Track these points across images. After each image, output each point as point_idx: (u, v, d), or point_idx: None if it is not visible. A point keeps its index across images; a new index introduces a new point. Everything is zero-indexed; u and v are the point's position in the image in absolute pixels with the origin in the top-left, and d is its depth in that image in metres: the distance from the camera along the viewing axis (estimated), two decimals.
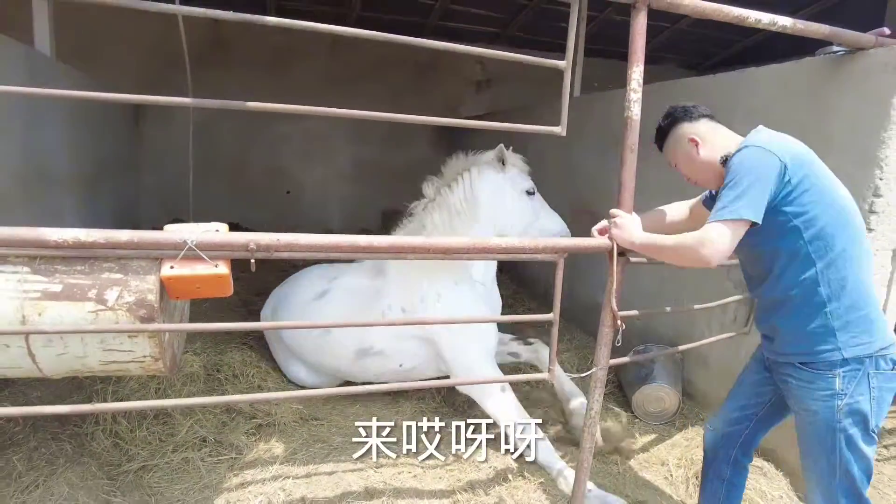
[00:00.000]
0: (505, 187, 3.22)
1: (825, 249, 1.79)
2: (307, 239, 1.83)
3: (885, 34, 2.51)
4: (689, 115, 2.05)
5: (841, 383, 1.79)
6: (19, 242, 1.61)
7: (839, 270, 1.79)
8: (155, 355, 1.83)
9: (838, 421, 1.79)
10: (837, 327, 1.79)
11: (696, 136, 2.00)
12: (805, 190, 1.77)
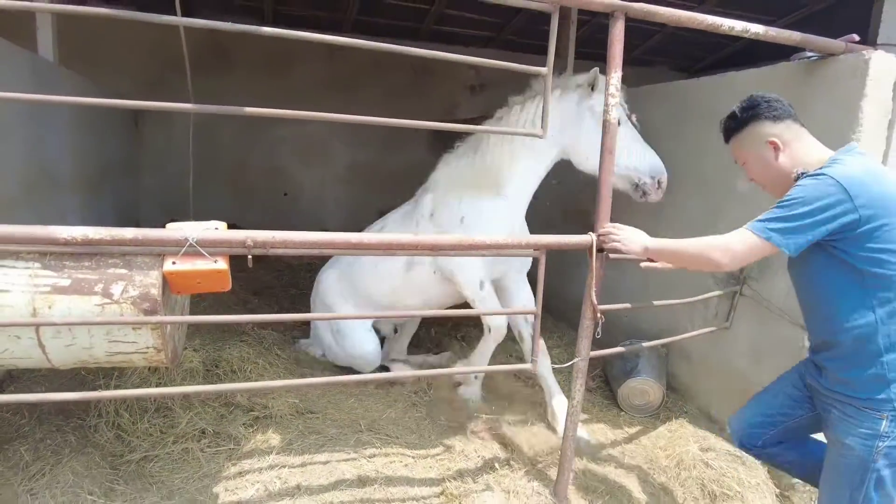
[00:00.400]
0: (584, 114, 3.03)
1: (890, 297, 1.70)
2: (301, 236, 1.95)
3: (854, 40, 2.63)
4: (774, 113, 1.90)
5: (888, 426, 1.72)
6: (31, 240, 1.73)
7: None
8: (158, 346, 1.94)
9: (874, 461, 1.74)
10: (893, 378, 1.71)
11: (777, 140, 1.88)
12: (876, 233, 1.66)
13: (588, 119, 3.04)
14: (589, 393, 3.68)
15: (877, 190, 1.68)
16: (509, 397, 3.60)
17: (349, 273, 3.80)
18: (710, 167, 3.38)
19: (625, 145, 3.00)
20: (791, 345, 2.85)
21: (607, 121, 2.16)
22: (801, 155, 1.86)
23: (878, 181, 1.70)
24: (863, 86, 2.55)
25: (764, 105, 1.91)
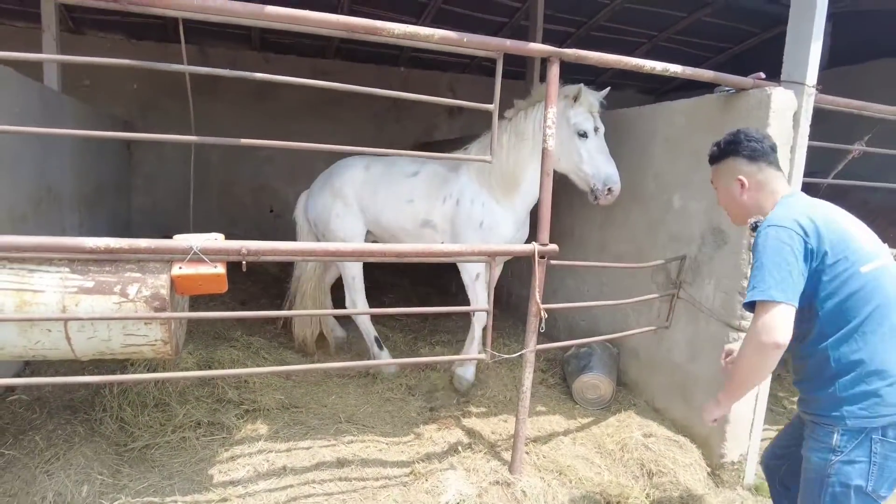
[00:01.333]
0: (561, 123, 3.43)
1: (840, 325, 1.82)
2: (287, 246, 2.33)
3: (761, 78, 3.08)
4: (750, 153, 2.03)
5: (839, 440, 1.82)
6: (62, 248, 2.09)
7: (854, 345, 1.81)
8: (165, 339, 2.30)
9: (828, 475, 1.84)
10: (846, 399, 1.82)
11: (745, 179, 2.03)
12: (816, 275, 1.82)
13: (564, 127, 3.50)
14: (548, 389, 4.07)
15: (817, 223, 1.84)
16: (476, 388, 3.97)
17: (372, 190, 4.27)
18: (650, 185, 3.81)
19: (589, 155, 3.51)
20: (720, 341, 3.25)
21: (545, 149, 2.57)
22: (762, 198, 2.02)
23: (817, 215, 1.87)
24: (767, 116, 2.99)
25: (744, 143, 2.04)
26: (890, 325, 1.81)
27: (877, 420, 1.78)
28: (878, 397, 1.78)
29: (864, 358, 1.80)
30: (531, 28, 5.97)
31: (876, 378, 1.79)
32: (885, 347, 1.80)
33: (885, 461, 1.78)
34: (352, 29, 2.17)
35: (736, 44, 8.39)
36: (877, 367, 1.79)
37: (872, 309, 1.80)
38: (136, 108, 7.60)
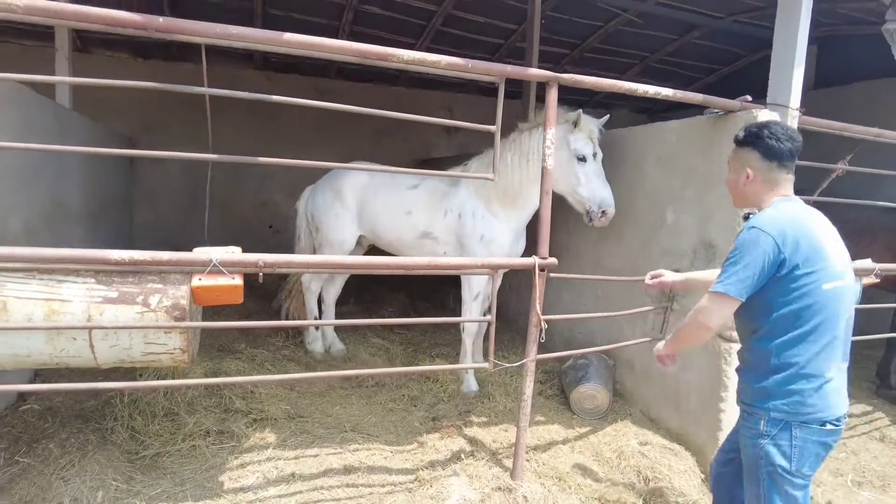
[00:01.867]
0: (562, 147, 3.64)
1: (789, 329, 1.97)
2: (301, 259, 2.46)
3: (748, 100, 3.25)
4: (766, 151, 2.10)
5: (765, 426, 2.01)
6: (90, 261, 2.21)
7: (795, 350, 1.96)
8: (183, 348, 2.41)
9: (760, 458, 2.03)
10: (774, 394, 2.00)
11: (753, 173, 2.12)
12: (782, 280, 1.96)
13: (564, 151, 3.70)
14: (546, 399, 4.18)
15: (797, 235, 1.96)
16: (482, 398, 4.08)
17: (372, 195, 4.47)
18: (643, 202, 3.96)
19: (587, 179, 3.71)
20: (712, 352, 3.39)
21: (545, 168, 2.71)
22: (762, 193, 2.13)
23: (801, 227, 1.99)
24: None
25: (764, 140, 2.10)
26: (829, 338, 1.97)
27: (796, 416, 1.97)
28: (802, 399, 1.96)
29: (801, 362, 1.96)
30: (527, 50, 6.16)
31: (804, 381, 1.96)
32: (819, 357, 1.96)
33: (805, 444, 1.98)
34: (365, 55, 2.31)
35: (725, 65, 8.67)
36: (808, 372, 1.96)
37: (820, 321, 1.95)
38: (138, 125, 7.73)
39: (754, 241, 1.96)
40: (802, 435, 1.98)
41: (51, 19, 2.08)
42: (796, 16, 3.26)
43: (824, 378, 1.96)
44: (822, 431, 1.98)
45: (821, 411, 1.96)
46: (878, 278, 3.75)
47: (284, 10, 6.96)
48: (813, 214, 2.10)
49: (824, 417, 1.97)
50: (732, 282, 1.97)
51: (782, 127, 2.14)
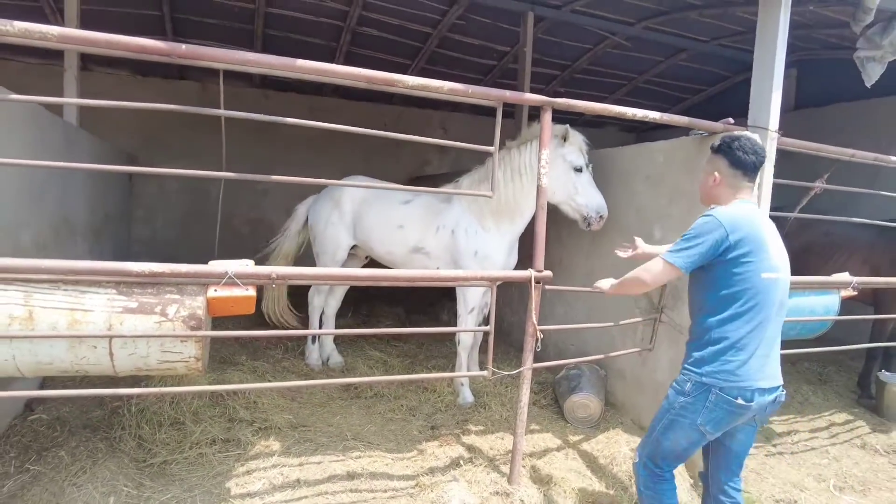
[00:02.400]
0: (557, 160, 3.88)
1: (727, 308, 2.29)
2: (311, 271, 2.59)
3: (730, 123, 3.45)
4: (734, 160, 2.41)
5: (689, 388, 2.35)
6: (111, 272, 2.33)
7: (730, 326, 2.28)
8: (197, 356, 2.52)
9: (672, 408, 2.40)
10: (709, 361, 2.31)
11: (720, 178, 2.45)
12: (728, 264, 2.27)
13: (560, 163, 3.94)
14: (541, 409, 4.31)
15: (745, 227, 2.28)
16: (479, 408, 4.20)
17: (366, 209, 4.65)
18: (632, 218, 4.14)
19: (581, 188, 3.97)
20: None
21: (540, 186, 2.88)
22: (725, 197, 2.45)
23: (750, 222, 2.31)
24: None
25: (734, 151, 2.42)
26: (759, 320, 2.30)
27: (720, 383, 2.29)
28: (730, 369, 2.29)
29: (733, 337, 2.29)
30: (520, 73, 6.39)
31: (734, 353, 2.29)
32: (749, 336, 2.29)
33: (716, 407, 2.30)
34: (373, 81, 2.48)
35: (710, 85, 8.98)
36: (739, 346, 2.29)
37: (754, 304, 2.28)
38: (138, 141, 7.86)
39: (708, 226, 2.31)
40: (716, 400, 2.30)
41: (81, 47, 2.23)
42: (773, 44, 3.47)
43: (752, 353, 2.29)
44: (732, 403, 2.28)
45: (742, 381, 2.28)
46: (856, 291, 3.95)
47: (283, 31, 7.16)
48: (761, 216, 2.43)
49: (742, 388, 2.28)
50: (682, 256, 2.33)
51: (751, 142, 2.45)
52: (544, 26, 6.71)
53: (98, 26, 6.79)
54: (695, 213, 3.58)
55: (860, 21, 3.41)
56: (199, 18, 6.84)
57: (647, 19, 6.36)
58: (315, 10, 6.56)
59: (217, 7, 6.54)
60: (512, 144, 4.19)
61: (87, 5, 5.83)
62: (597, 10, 6.20)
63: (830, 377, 5.71)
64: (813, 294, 3.89)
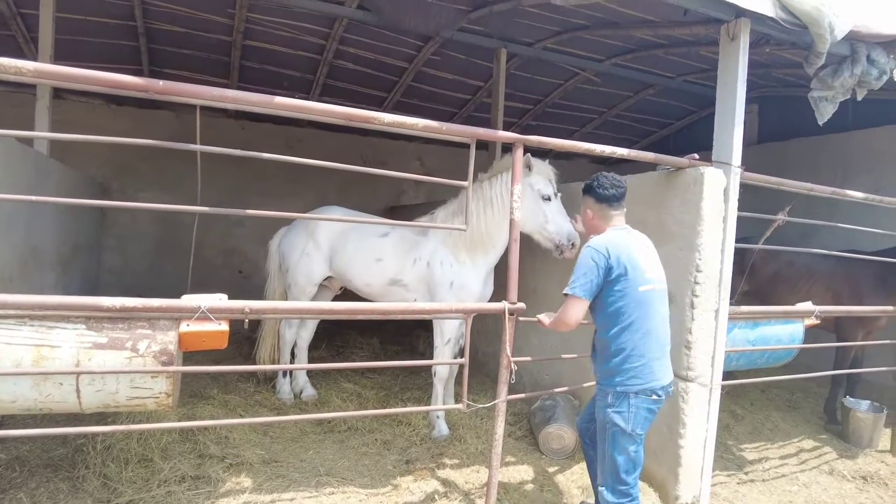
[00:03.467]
0: (525, 189, 3.93)
1: (617, 322, 2.70)
2: (285, 305, 2.59)
3: (695, 158, 3.58)
4: (598, 197, 2.91)
5: (612, 399, 2.72)
6: (83, 307, 2.30)
7: (623, 337, 2.69)
8: (168, 392, 2.48)
9: (607, 423, 2.73)
10: (616, 373, 2.71)
11: (591, 212, 2.96)
12: (611, 285, 2.69)
13: (528, 192, 4.00)
14: (516, 441, 4.30)
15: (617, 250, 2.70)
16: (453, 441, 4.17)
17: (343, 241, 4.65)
18: None
19: (551, 217, 4.04)
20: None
21: (513, 219, 2.94)
22: (601, 226, 2.91)
23: (620, 245, 2.73)
24: (701, 192, 3.47)
25: (595, 189, 2.90)
26: (645, 329, 2.69)
27: (633, 387, 2.67)
28: (634, 374, 2.68)
29: (628, 347, 2.68)
30: (493, 108, 6.55)
31: (634, 360, 2.67)
32: (642, 343, 2.68)
33: (638, 410, 2.67)
34: (351, 118, 2.53)
35: (678, 119, 9.30)
36: (636, 354, 2.68)
37: (638, 315, 2.68)
38: (111, 170, 7.78)
39: (592, 255, 2.71)
40: (636, 402, 2.67)
41: (56, 81, 2.23)
42: (734, 84, 3.64)
43: (647, 357, 2.69)
44: (649, 400, 2.69)
45: (648, 383, 2.68)
46: (818, 320, 4.08)
47: (259, 63, 7.22)
48: (633, 237, 2.86)
49: (652, 387, 2.69)
50: (578, 286, 2.69)
51: (608, 178, 2.91)
52: (517, 62, 6.90)
53: (73, 57, 6.79)
54: (662, 247, 3.68)
55: (812, 64, 3.60)
56: (175, 49, 6.86)
57: (616, 56, 6.60)
58: (292, 44, 6.64)
59: (193, 39, 6.58)
60: (483, 177, 4.27)
61: (62, 35, 5.81)
62: (567, 48, 6.41)
63: (799, 403, 5.83)
64: (778, 323, 4.01)
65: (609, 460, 2.73)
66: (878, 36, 3.65)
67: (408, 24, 5.52)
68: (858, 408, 4.94)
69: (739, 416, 5.26)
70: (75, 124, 7.50)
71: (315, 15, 5.82)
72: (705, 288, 3.53)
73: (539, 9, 5.21)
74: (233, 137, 8.31)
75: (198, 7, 5.83)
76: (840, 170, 6.77)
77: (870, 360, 5.43)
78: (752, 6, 3.23)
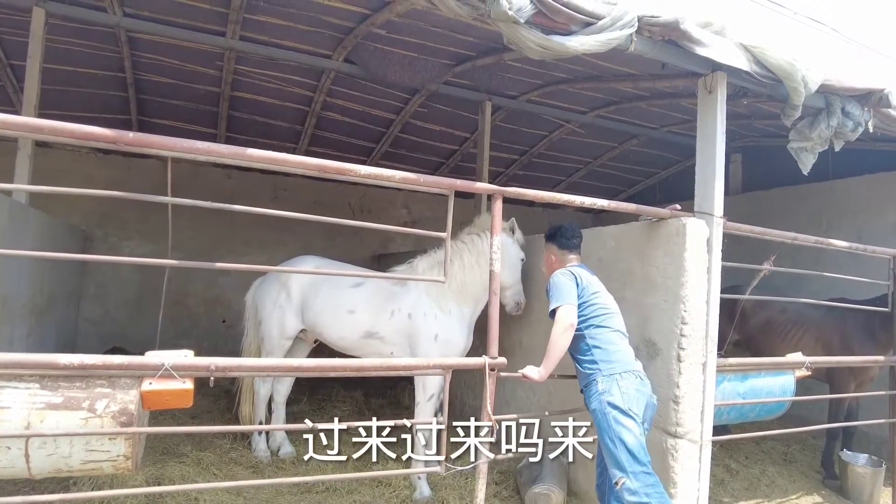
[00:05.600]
0: (511, 250, 4.26)
1: (588, 323, 3.11)
2: (252, 362, 2.49)
3: (677, 209, 3.57)
4: (560, 245, 3.41)
5: (602, 385, 3.00)
6: (37, 365, 2.19)
7: (596, 332, 3.10)
8: (127, 455, 2.34)
9: (603, 408, 2.96)
10: (597, 364, 3.05)
11: (554, 257, 3.42)
12: (586, 300, 3.13)
13: (514, 253, 4.28)
14: (502, 501, 4.11)
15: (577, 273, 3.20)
16: None
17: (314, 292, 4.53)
18: None
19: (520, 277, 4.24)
20: (659, 447, 3.46)
21: (492, 271, 2.88)
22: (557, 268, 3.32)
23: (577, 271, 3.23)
24: (684, 243, 3.43)
25: (558, 237, 3.41)
26: (613, 327, 3.15)
27: (617, 370, 3.01)
28: (614, 360, 3.05)
29: (601, 340, 3.09)
30: (479, 158, 6.60)
31: (611, 351, 3.06)
32: (613, 335, 3.12)
33: (628, 389, 2.96)
34: (324, 170, 2.49)
35: (663, 169, 9.41)
36: (611, 345, 3.09)
37: (604, 317, 3.14)
38: (94, 218, 7.72)
39: (562, 277, 3.15)
40: (624, 383, 2.96)
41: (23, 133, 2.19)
42: (713, 136, 3.67)
43: (621, 347, 3.11)
44: (636, 381, 3.00)
45: (629, 366, 3.05)
46: (809, 371, 3.99)
47: (248, 114, 7.29)
48: (592, 275, 3.31)
49: (633, 370, 3.05)
50: (563, 296, 3.05)
51: (570, 229, 3.43)
52: (502, 114, 7.00)
53: (61, 107, 6.80)
54: (648, 298, 3.65)
55: (789, 116, 3.64)
56: (163, 100, 6.92)
57: (599, 108, 6.71)
58: (280, 95, 6.72)
59: (182, 90, 6.65)
60: (474, 229, 4.29)
61: (49, 85, 5.85)
62: (551, 100, 6.52)
63: (795, 456, 5.66)
64: (769, 375, 3.92)
65: (619, 445, 2.87)
66: (850, 89, 3.72)
67: (394, 77, 5.61)
68: (856, 462, 4.79)
69: (734, 470, 5.08)
70: (61, 172, 7.49)
71: (303, 68, 5.91)
72: (692, 340, 3.45)
73: (521, 63, 5.31)
74: (219, 187, 8.30)
75: (187, 59, 5.91)
76: (824, 218, 6.82)
77: (865, 410, 5.31)
78: (727, 60, 3.29)
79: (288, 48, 5.50)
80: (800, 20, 6.26)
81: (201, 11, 4.89)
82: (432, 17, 4.30)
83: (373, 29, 4.82)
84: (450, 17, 3.02)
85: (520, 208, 7.88)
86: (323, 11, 4.68)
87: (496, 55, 5.20)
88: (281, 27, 5.10)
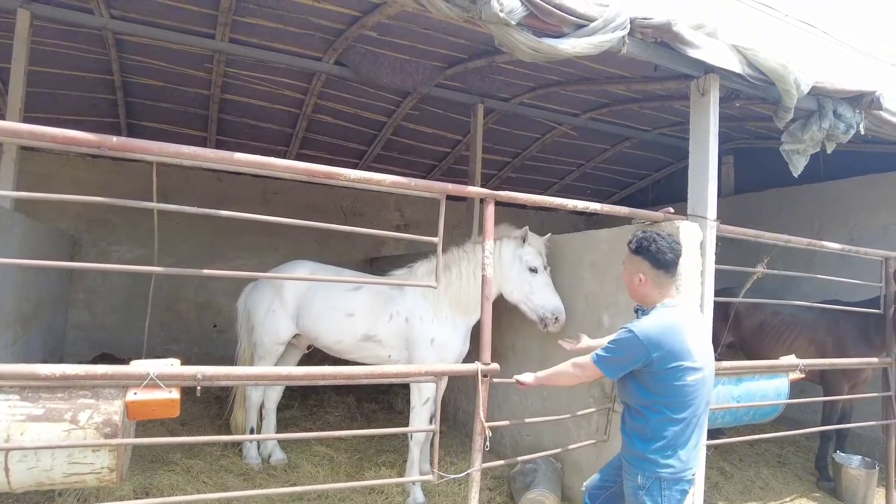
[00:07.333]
0: (515, 261, 4.05)
1: (657, 409, 2.48)
2: (240, 371, 2.43)
3: (670, 212, 3.55)
4: (656, 261, 2.55)
5: (642, 481, 2.52)
6: (15, 376, 2.13)
7: (660, 426, 2.47)
8: (111, 467, 2.28)
9: (640, 500, 2.53)
10: (649, 457, 2.49)
11: (643, 277, 2.58)
12: (654, 374, 2.45)
13: (518, 264, 4.05)
14: None
15: (666, 345, 2.43)
16: None
17: (311, 296, 4.46)
18: (581, 304, 4.14)
19: (537, 288, 4.04)
20: None
21: (485, 276, 2.84)
22: (651, 294, 2.60)
23: (671, 334, 2.45)
24: None
25: (653, 252, 2.55)
26: (690, 416, 2.48)
27: (665, 475, 2.47)
28: (667, 463, 2.47)
29: (668, 436, 2.46)
30: (471, 161, 6.56)
31: (669, 451, 2.47)
32: (683, 432, 2.48)
33: (672, 494, 2.48)
34: (312, 174, 2.45)
35: (656, 171, 9.41)
36: (672, 444, 2.47)
37: (685, 406, 2.46)
38: (82, 223, 7.63)
39: (628, 342, 2.47)
40: (668, 487, 2.48)
41: (2, 138, 2.14)
42: (706, 139, 3.66)
43: (684, 447, 2.49)
44: (682, 487, 2.51)
45: (680, 472, 2.49)
46: (803, 373, 3.98)
47: (238, 117, 7.23)
48: (684, 317, 2.55)
49: (683, 476, 2.50)
50: (608, 365, 2.54)
51: (666, 241, 2.59)
52: (494, 117, 6.97)
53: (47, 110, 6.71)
54: None
55: (782, 118, 3.64)
56: (152, 103, 6.85)
57: (592, 111, 6.69)
58: (270, 98, 6.66)
59: (171, 92, 6.58)
60: (477, 239, 4.21)
61: (36, 88, 5.78)
62: (543, 103, 6.50)
63: (789, 459, 5.66)
64: (763, 378, 3.90)
65: None
66: (842, 91, 3.72)
67: (385, 80, 5.56)
68: (850, 463, 4.79)
69: (728, 473, 5.07)
70: (50, 176, 7.41)
71: (293, 70, 5.85)
72: None
73: (513, 65, 5.28)
74: (209, 190, 8.23)
75: (176, 62, 5.84)
76: (816, 220, 6.83)
77: (858, 411, 5.31)
78: (719, 63, 3.27)
79: (278, 50, 5.45)
80: (791, 23, 6.27)
81: (190, 13, 4.84)
82: (423, 19, 4.27)
83: (364, 31, 4.78)
84: (440, 19, 2.99)
85: (512, 211, 7.86)
86: (313, 13, 4.64)
87: (488, 57, 5.17)
88: (271, 29, 5.05)
